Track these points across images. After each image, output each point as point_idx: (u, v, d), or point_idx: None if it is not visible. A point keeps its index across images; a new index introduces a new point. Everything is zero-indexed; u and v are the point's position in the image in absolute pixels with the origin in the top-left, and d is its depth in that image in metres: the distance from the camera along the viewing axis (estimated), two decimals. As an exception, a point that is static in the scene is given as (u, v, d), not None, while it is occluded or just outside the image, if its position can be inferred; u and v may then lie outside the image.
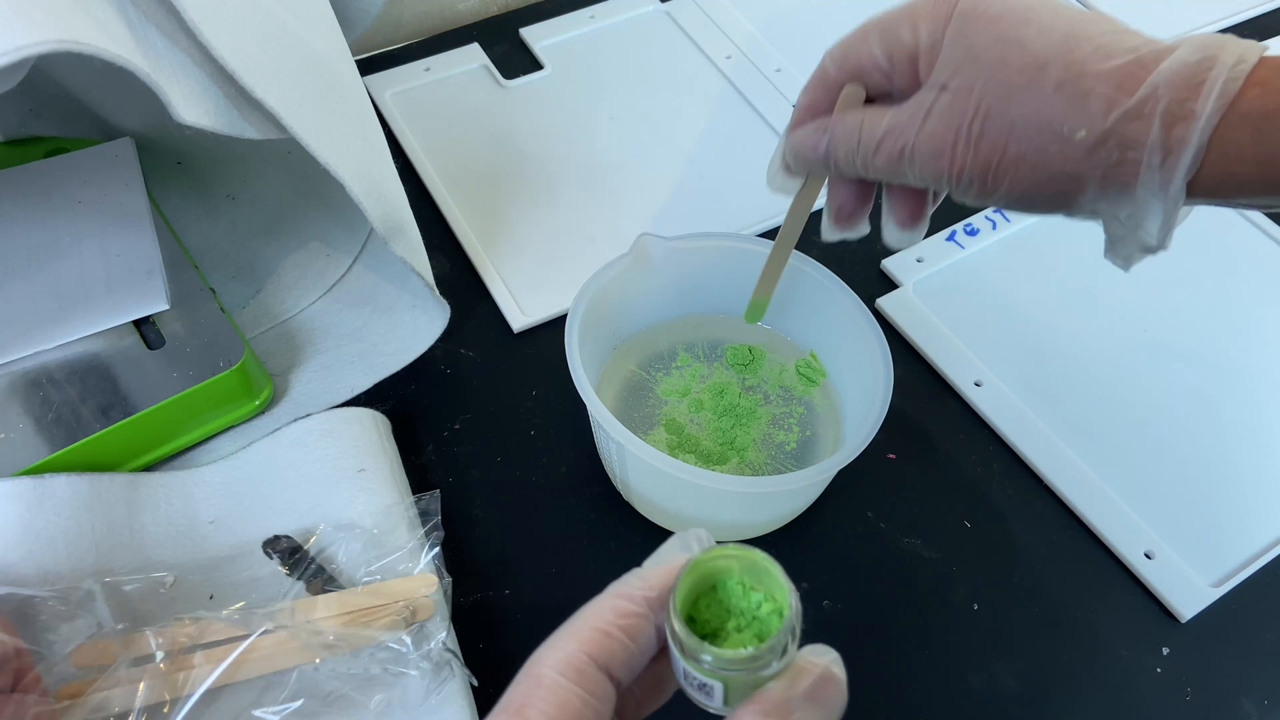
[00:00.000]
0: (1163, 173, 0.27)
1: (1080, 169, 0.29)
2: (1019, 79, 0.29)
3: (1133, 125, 0.27)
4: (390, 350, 0.50)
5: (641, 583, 0.25)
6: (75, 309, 0.46)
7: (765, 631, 0.24)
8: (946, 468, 0.49)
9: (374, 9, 0.58)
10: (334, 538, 0.42)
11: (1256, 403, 0.52)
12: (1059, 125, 0.29)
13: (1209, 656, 0.43)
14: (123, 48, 0.33)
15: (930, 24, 0.31)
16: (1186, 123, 0.27)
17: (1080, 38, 0.29)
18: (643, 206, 0.59)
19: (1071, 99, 0.28)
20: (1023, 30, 0.29)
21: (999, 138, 0.30)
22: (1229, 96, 0.26)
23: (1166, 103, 0.27)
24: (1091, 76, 0.28)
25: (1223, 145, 0.27)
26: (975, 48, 0.30)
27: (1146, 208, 0.28)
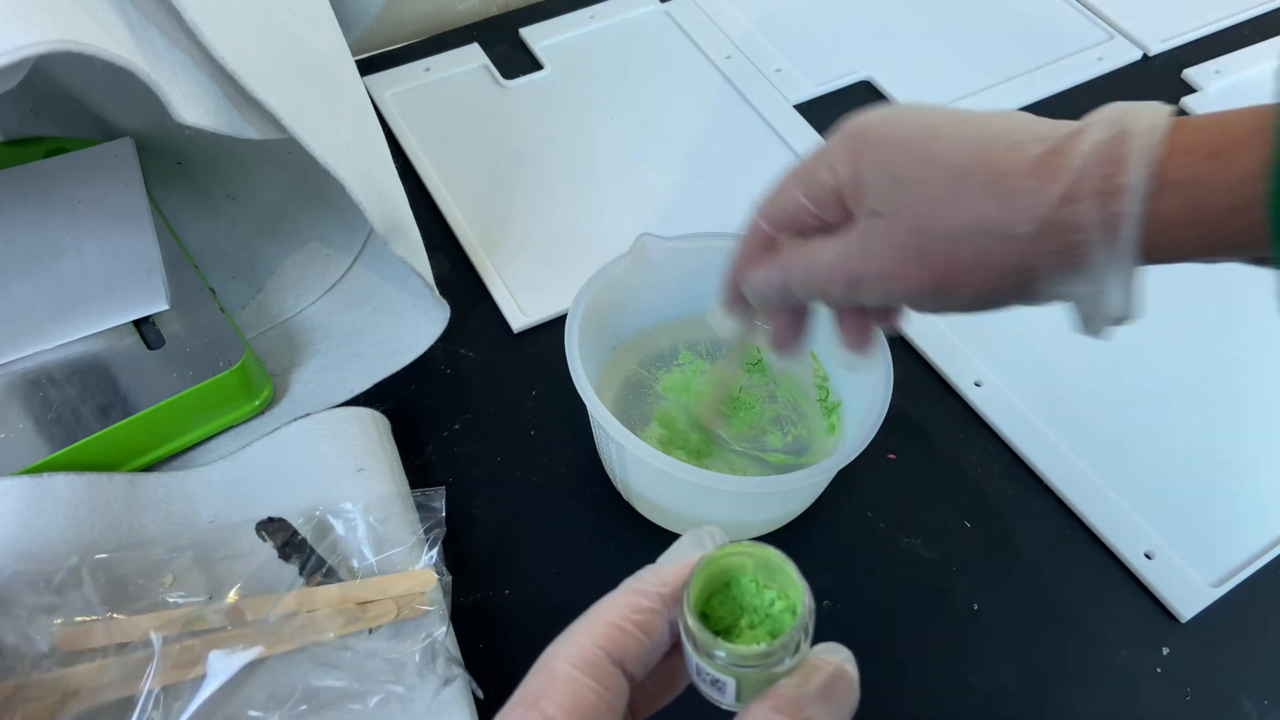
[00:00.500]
0: (1111, 248, 0.28)
1: (1031, 261, 0.29)
2: (947, 191, 0.30)
3: (1069, 209, 0.28)
4: (390, 350, 0.50)
5: (656, 579, 0.25)
6: (75, 309, 0.45)
7: (778, 629, 0.24)
8: (946, 468, 0.49)
9: (374, 9, 0.58)
10: (333, 528, 0.42)
11: (1256, 403, 0.52)
12: (997, 226, 0.29)
13: (1209, 656, 0.43)
14: (123, 48, 0.33)
15: (846, 161, 0.32)
16: (1119, 196, 0.27)
17: (990, 139, 0.29)
18: (643, 206, 0.59)
19: (1002, 199, 0.29)
20: (935, 146, 0.30)
21: (945, 249, 0.30)
22: (1153, 165, 0.27)
23: (1096, 182, 0.27)
24: (1014, 174, 0.29)
25: (1160, 215, 0.27)
26: (897, 172, 0.31)
27: (1104, 283, 0.29)
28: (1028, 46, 0.70)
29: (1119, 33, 0.71)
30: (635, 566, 0.47)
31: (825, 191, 0.33)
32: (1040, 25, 0.72)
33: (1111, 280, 0.28)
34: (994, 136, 0.29)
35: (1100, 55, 0.69)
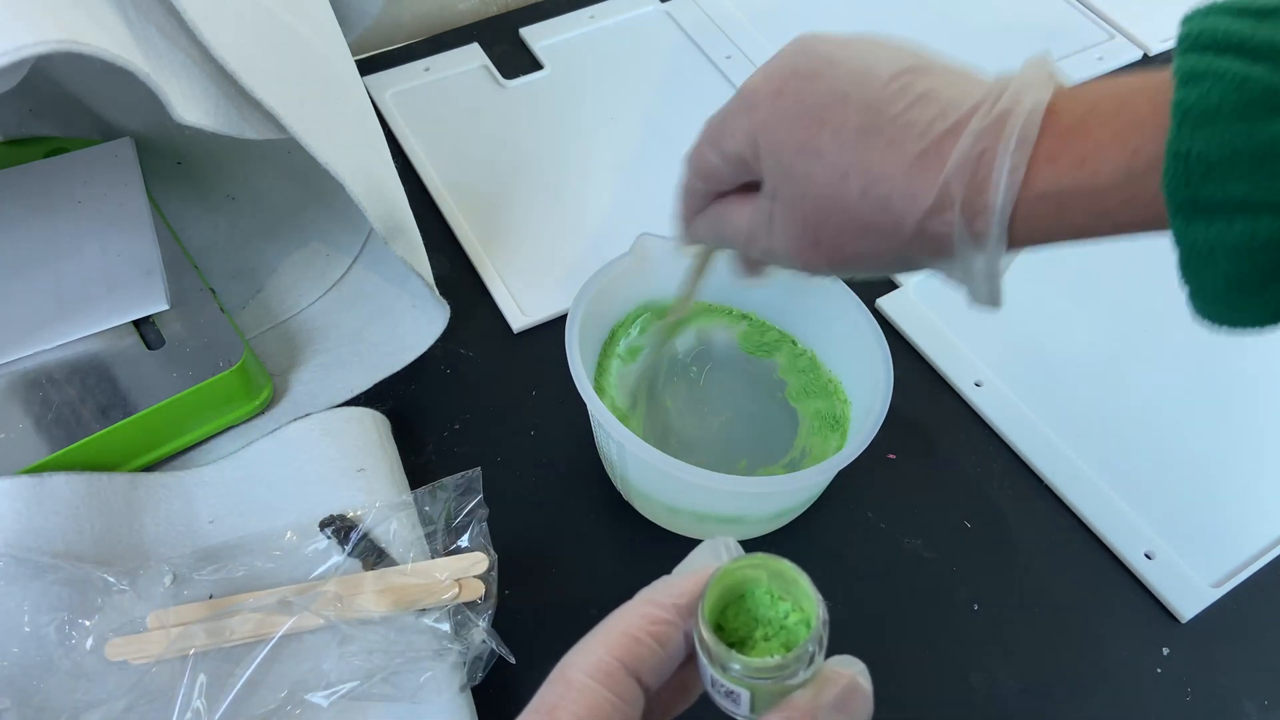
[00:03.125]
0: (977, 251, 0.29)
1: (907, 253, 0.31)
2: (828, 191, 0.31)
3: (937, 221, 0.29)
4: (390, 350, 0.50)
5: (671, 589, 0.25)
6: (75, 309, 0.45)
7: (792, 641, 0.24)
8: (946, 468, 0.49)
9: (374, 9, 0.58)
10: (385, 515, 0.43)
11: (1256, 403, 0.52)
12: (874, 227, 0.30)
13: (1209, 656, 0.43)
14: (123, 48, 0.33)
15: (742, 134, 0.33)
16: (985, 215, 0.28)
17: (871, 131, 0.30)
18: (643, 206, 0.59)
19: (876, 205, 0.30)
20: (818, 136, 0.31)
21: (834, 240, 0.32)
22: (1016, 187, 0.27)
23: (961, 197, 0.28)
24: (888, 179, 0.29)
25: (1028, 221, 0.28)
26: (785, 162, 0.32)
27: (972, 276, 0.30)
28: (1028, 46, 0.69)
29: (1119, 33, 0.71)
30: (635, 566, 0.47)
31: (733, 157, 0.34)
32: (1040, 25, 0.72)
33: (976, 277, 0.30)
34: (880, 126, 0.29)
35: (1100, 55, 0.69)
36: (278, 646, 0.39)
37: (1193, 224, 0.25)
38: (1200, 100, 0.24)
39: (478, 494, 0.43)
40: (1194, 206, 0.25)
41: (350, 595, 0.40)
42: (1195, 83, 0.24)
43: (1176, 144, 0.24)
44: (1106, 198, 0.27)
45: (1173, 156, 0.24)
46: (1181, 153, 0.24)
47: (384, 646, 0.39)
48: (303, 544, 0.42)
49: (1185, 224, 0.25)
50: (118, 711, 0.37)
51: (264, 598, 0.40)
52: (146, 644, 0.39)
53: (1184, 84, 0.25)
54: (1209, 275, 0.26)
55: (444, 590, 0.40)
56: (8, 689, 0.37)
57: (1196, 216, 0.25)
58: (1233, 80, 0.24)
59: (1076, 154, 0.27)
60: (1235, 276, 0.25)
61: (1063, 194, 0.27)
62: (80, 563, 0.40)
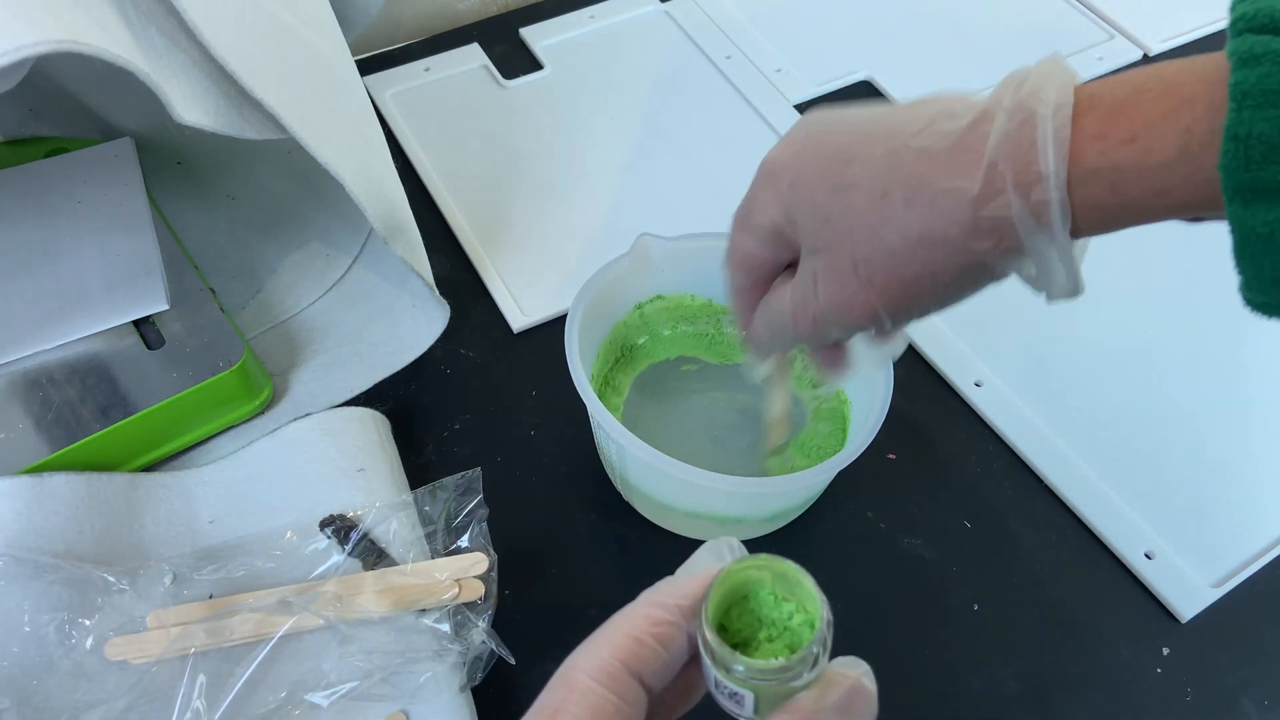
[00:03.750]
0: (1043, 232, 0.28)
1: (974, 256, 0.29)
2: (873, 216, 0.30)
3: (993, 205, 0.28)
4: (390, 350, 0.50)
5: (674, 591, 0.25)
6: (75, 309, 0.45)
7: (796, 642, 0.24)
8: (946, 468, 0.49)
9: (374, 9, 0.58)
10: (385, 515, 0.43)
11: (1256, 403, 0.52)
12: (930, 235, 0.29)
13: (1209, 656, 0.43)
14: (123, 48, 0.33)
15: (772, 204, 0.32)
16: (1039, 185, 0.27)
17: (899, 151, 0.29)
18: (643, 206, 0.59)
19: (925, 210, 0.29)
20: (849, 172, 0.30)
21: (888, 269, 0.30)
22: (1064, 147, 0.27)
23: (1012, 174, 0.27)
24: (930, 182, 0.29)
25: (1086, 200, 0.27)
26: (821, 208, 0.31)
27: (1046, 264, 0.29)
28: (1028, 46, 0.70)
29: (1119, 33, 0.71)
30: (635, 566, 0.47)
31: (767, 233, 0.33)
32: (1040, 25, 0.72)
33: (1051, 262, 0.29)
34: (902, 146, 0.29)
35: (1100, 55, 0.69)
36: (278, 646, 0.39)
37: (1250, 208, 0.24)
38: (1260, 82, 0.24)
39: (478, 494, 0.43)
40: (1252, 190, 0.24)
41: (350, 595, 0.40)
42: (1254, 64, 0.24)
43: (1235, 126, 0.24)
44: (1165, 175, 0.26)
45: (1231, 139, 0.24)
46: (1241, 135, 0.24)
47: (384, 646, 0.39)
48: (303, 544, 0.42)
49: (1243, 208, 0.24)
50: (118, 711, 0.37)
51: (264, 598, 0.40)
52: (146, 644, 0.39)
53: (1241, 65, 0.24)
54: (1264, 262, 0.25)
55: (444, 590, 0.40)
56: (8, 689, 0.37)
57: (1255, 200, 0.24)
58: None
59: (1125, 131, 0.26)
60: None
61: (1117, 170, 0.26)
62: (80, 562, 0.40)
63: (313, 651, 0.40)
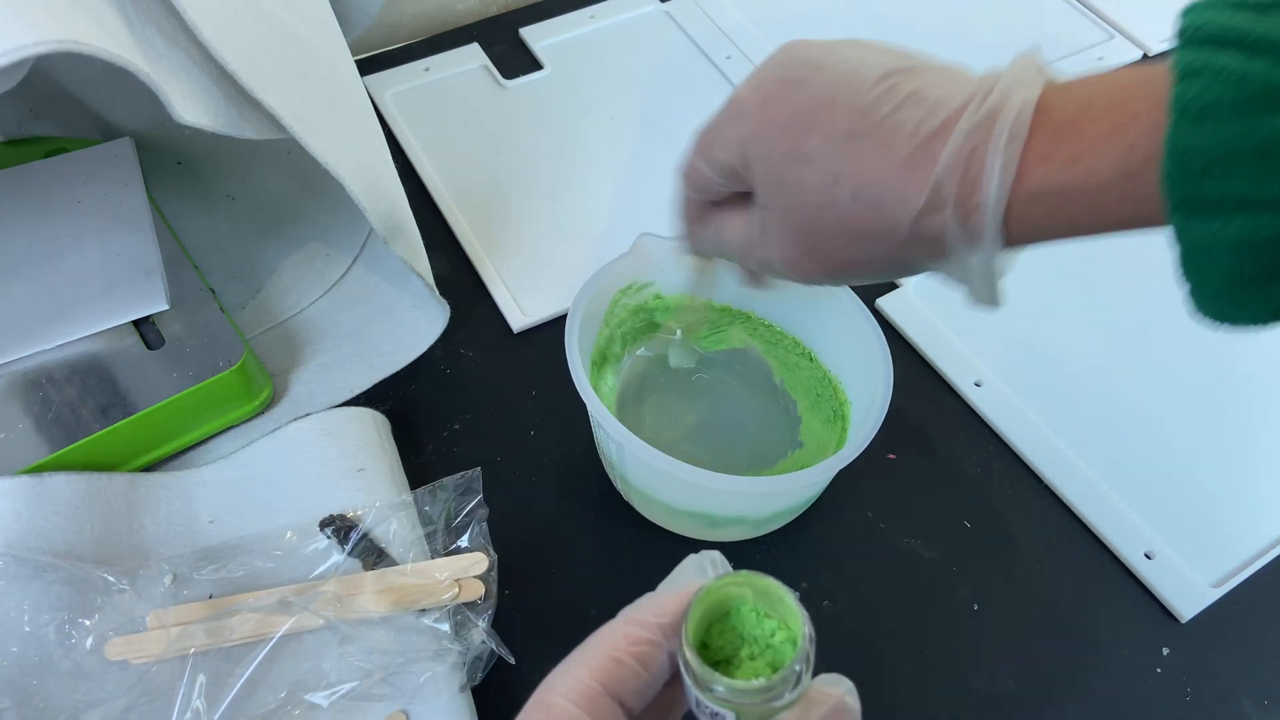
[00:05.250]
0: (973, 250, 0.29)
1: (906, 255, 0.30)
2: (820, 197, 0.30)
3: (931, 220, 0.29)
4: (390, 350, 0.50)
5: (655, 608, 0.25)
6: (75, 309, 0.46)
7: (779, 660, 0.24)
8: (946, 468, 0.49)
9: (374, 9, 0.58)
10: (385, 515, 0.43)
11: (1257, 402, 0.52)
12: (869, 231, 0.30)
13: (1209, 656, 0.43)
14: (123, 48, 0.33)
15: (731, 145, 0.33)
16: (978, 213, 0.28)
17: (860, 135, 0.29)
18: (643, 206, 0.59)
19: (869, 209, 0.29)
20: (807, 142, 0.30)
21: (829, 247, 0.32)
22: (1009, 183, 0.27)
23: (954, 196, 0.28)
24: (879, 182, 0.29)
25: (1023, 220, 0.28)
26: (775, 171, 0.31)
27: (971, 278, 0.30)
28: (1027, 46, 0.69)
29: (1119, 33, 0.71)
30: (635, 566, 0.47)
31: (723, 167, 0.34)
32: (1040, 25, 0.72)
33: (974, 276, 0.30)
34: (868, 130, 0.29)
35: (1100, 55, 0.69)
36: (278, 646, 0.39)
37: (1192, 221, 0.25)
38: (1199, 96, 0.24)
39: (478, 494, 0.43)
40: (1193, 203, 0.24)
41: (350, 595, 0.40)
42: (1194, 78, 0.24)
43: (1175, 140, 0.24)
44: (1102, 195, 0.26)
45: (1171, 153, 0.24)
46: (1180, 149, 0.24)
47: (384, 646, 0.39)
48: (303, 544, 0.42)
49: (1185, 220, 0.25)
50: (117, 711, 0.37)
51: (264, 598, 0.40)
52: (146, 644, 0.39)
53: (1183, 79, 0.24)
54: (1209, 272, 0.25)
55: (444, 590, 0.40)
56: (7, 689, 0.37)
57: (1196, 213, 0.24)
58: (1232, 75, 0.23)
59: (1070, 152, 0.26)
60: (1236, 273, 0.25)
61: (1057, 192, 0.27)
62: (80, 562, 0.40)
63: (313, 651, 0.40)
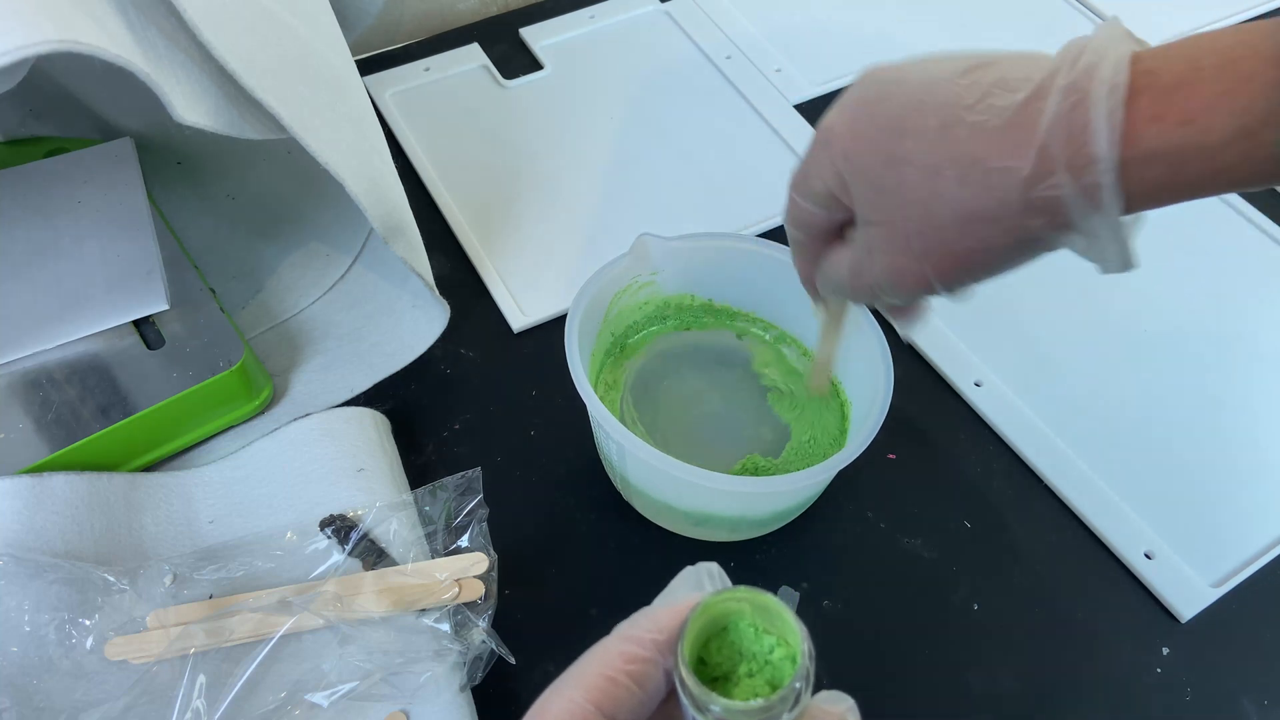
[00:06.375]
0: (1095, 212, 0.28)
1: (1026, 232, 0.30)
2: (925, 193, 0.30)
3: (1044, 185, 0.28)
4: (390, 350, 0.50)
5: (651, 624, 0.24)
6: (75, 309, 0.46)
7: (778, 678, 0.24)
8: (946, 468, 0.49)
9: (374, 9, 0.58)
10: (385, 515, 0.43)
11: (1256, 403, 0.52)
12: (982, 212, 0.29)
13: (1209, 656, 0.43)
14: (122, 48, 0.33)
15: (827, 170, 0.33)
16: (1092, 167, 0.27)
17: (952, 126, 0.29)
18: (643, 206, 0.59)
19: (978, 188, 0.29)
20: (902, 145, 0.30)
21: (942, 244, 0.31)
22: (1117, 130, 0.27)
23: (1065, 157, 0.27)
24: (983, 160, 0.29)
25: (1142, 180, 0.27)
26: (874, 180, 0.31)
27: (1097, 241, 0.29)
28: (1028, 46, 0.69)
29: (1119, 33, 0.71)
30: (635, 566, 0.47)
31: (822, 197, 0.34)
32: (1040, 25, 0.72)
33: (1104, 238, 0.29)
34: (956, 120, 0.29)
35: (1100, 55, 0.69)
36: (278, 646, 0.39)
37: None
38: None
39: (478, 494, 0.43)
40: None
41: (350, 595, 0.40)
42: None
43: None
44: (1223, 154, 0.26)
45: None
46: None
47: (384, 647, 0.39)
48: (303, 544, 0.42)
49: None
50: (117, 711, 0.37)
51: (264, 598, 0.40)
52: (146, 644, 0.39)
53: None
54: None
55: (444, 590, 0.40)
56: (8, 689, 0.37)
57: None
58: None
59: (1182, 112, 0.26)
60: None
61: (1174, 152, 0.26)
62: (80, 562, 0.40)
63: (313, 651, 0.40)
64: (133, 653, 0.39)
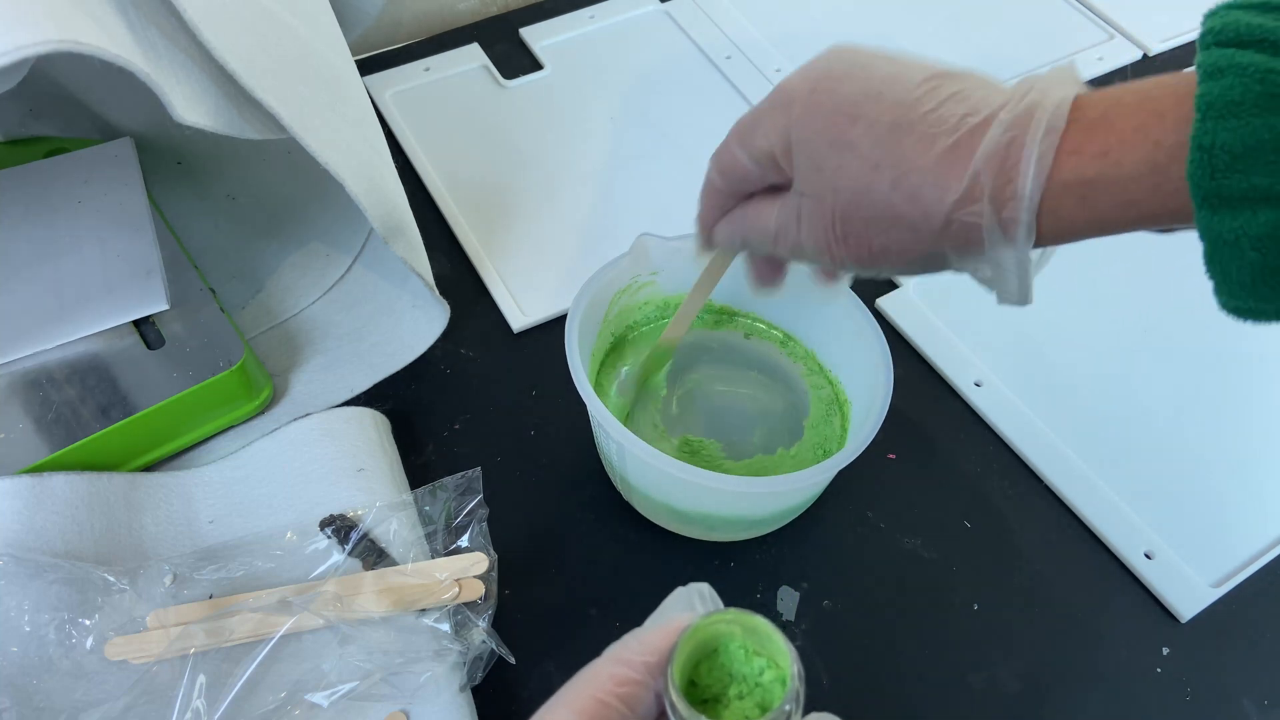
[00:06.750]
0: (1007, 243, 0.29)
1: (936, 247, 0.31)
2: (858, 183, 0.31)
3: (966, 211, 0.29)
4: (390, 350, 0.50)
5: (641, 646, 0.25)
6: (75, 309, 0.46)
7: (768, 700, 0.24)
8: (946, 468, 0.49)
9: (374, 9, 0.58)
10: (385, 515, 0.43)
11: (1257, 402, 0.52)
12: (904, 219, 0.31)
13: (1209, 656, 0.43)
14: (122, 48, 0.33)
15: (775, 132, 0.33)
16: (1013, 203, 0.28)
17: (904, 126, 0.30)
18: (643, 206, 0.59)
19: (907, 197, 0.30)
20: (851, 130, 0.31)
21: (861, 234, 0.32)
22: (1044, 174, 0.28)
23: (990, 187, 0.28)
24: (919, 171, 0.30)
25: (1055, 212, 0.28)
26: (815, 157, 0.32)
27: (1002, 272, 0.30)
28: (1028, 46, 0.70)
29: (1119, 33, 0.71)
30: (635, 566, 0.47)
31: (763, 155, 0.34)
32: (1040, 25, 0.72)
33: (1007, 270, 0.30)
34: (912, 122, 0.30)
35: (1100, 55, 0.69)
36: (278, 646, 0.39)
37: (1217, 215, 0.25)
38: (1223, 94, 0.25)
39: (478, 494, 0.43)
40: (1218, 198, 0.25)
41: (350, 595, 0.40)
42: (1218, 77, 0.25)
43: (1200, 136, 0.25)
44: (1132, 187, 0.27)
45: (1197, 149, 0.25)
46: (1205, 145, 0.25)
47: (384, 647, 0.39)
48: (303, 544, 0.42)
49: (1210, 215, 0.25)
50: (117, 711, 0.37)
51: (264, 598, 0.40)
52: (146, 644, 0.39)
53: (1207, 78, 0.25)
54: (1234, 267, 0.26)
55: (444, 590, 0.40)
56: (8, 689, 0.37)
57: (1221, 208, 0.25)
58: (1255, 74, 0.24)
59: (1099, 145, 0.27)
60: (1260, 267, 0.25)
61: (1087, 184, 0.27)
62: (80, 562, 0.40)
63: (313, 651, 0.40)
64: (133, 653, 0.39)
